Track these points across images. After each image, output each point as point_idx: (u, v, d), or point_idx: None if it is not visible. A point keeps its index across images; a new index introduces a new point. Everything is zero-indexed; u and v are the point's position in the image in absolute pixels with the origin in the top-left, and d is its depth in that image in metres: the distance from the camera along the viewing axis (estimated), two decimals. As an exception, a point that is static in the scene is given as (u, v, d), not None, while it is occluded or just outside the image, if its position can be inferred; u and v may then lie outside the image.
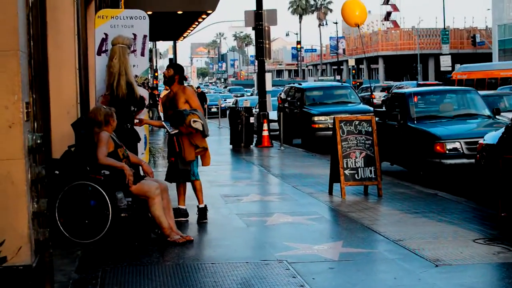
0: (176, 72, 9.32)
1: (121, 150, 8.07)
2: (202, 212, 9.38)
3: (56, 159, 8.22)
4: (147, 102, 10.58)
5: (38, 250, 5.17)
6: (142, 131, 10.09)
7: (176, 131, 9.05)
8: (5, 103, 4.85)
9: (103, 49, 10.22)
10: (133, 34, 10.23)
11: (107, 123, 7.96)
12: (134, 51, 9.99)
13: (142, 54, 10.47)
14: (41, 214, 5.19)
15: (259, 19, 21.79)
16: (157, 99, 35.33)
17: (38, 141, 5.13)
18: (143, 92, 10.14)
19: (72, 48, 9.52)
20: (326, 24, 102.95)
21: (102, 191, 7.67)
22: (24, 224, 4.92)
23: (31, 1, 5.25)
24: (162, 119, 36.52)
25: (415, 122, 13.37)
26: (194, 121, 8.96)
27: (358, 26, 15.13)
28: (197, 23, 24.98)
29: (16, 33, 4.85)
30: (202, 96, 33.68)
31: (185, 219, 9.36)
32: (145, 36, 10.45)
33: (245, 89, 78.56)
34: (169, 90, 9.56)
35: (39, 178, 5.21)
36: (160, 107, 30.50)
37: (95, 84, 10.28)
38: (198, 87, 39.96)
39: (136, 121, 9.29)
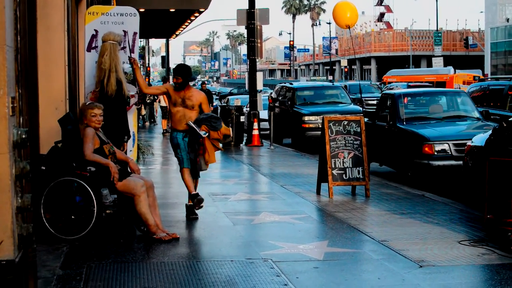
0: (184, 79, 9.46)
1: (107, 147, 8.05)
2: (191, 209, 9.45)
3: (43, 154, 8.21)
4: (136, 99, 10.57)
5: (22, 245, 5.15)
6: (130, 128, 10.07)
7: (207, 134, 9.14)
8: (-10, 98, 4.83)
9: (93, 45, 10.19)
10: (123, 31, 10.19)
11: (84, 116, 7.91)
12: (124, 48, 9.96)
13: (132, 51, 10.42)
14: (25, 209, 5.16)
15: (251, 18, 21.81)
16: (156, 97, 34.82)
17: (23, 136, 5.10)
18: (131, 90, 10.13)
19: (62, 44, 9.50)
20: (319, 24, 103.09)
21: (88, 187, 7.67)
22: (8, 219, 4.90)
23: (18, -4, 5.23)
24: (156, 113, 35.72)
25: (404, 123, 13.40)
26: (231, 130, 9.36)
27: (349, 28, 15.18)
28: (189, 21, 24.98)
29: (3, 28, 4.82)
30: (208, 95, 27.59)
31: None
32: (135, 33, 10.40)
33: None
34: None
35: (24, 173, 5.18)
36: (158, 102, 30.14)
37: (84, 80, 10.26)
38: (204, 83, 33.11)
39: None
